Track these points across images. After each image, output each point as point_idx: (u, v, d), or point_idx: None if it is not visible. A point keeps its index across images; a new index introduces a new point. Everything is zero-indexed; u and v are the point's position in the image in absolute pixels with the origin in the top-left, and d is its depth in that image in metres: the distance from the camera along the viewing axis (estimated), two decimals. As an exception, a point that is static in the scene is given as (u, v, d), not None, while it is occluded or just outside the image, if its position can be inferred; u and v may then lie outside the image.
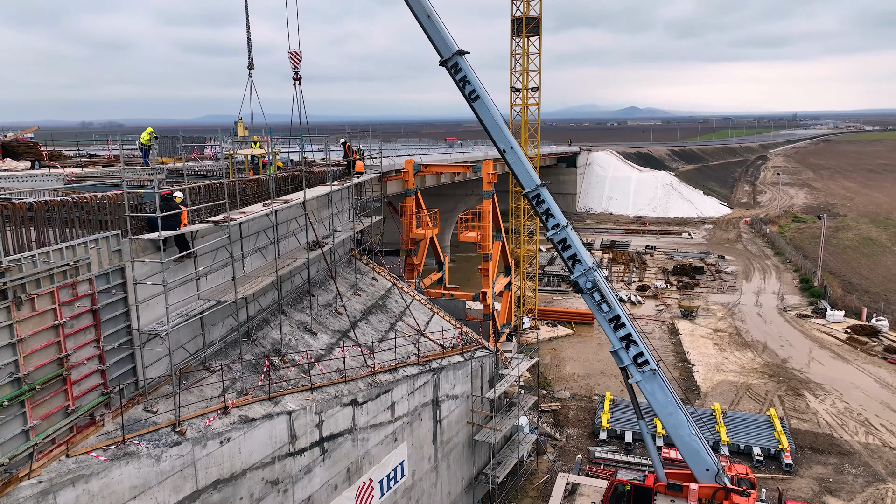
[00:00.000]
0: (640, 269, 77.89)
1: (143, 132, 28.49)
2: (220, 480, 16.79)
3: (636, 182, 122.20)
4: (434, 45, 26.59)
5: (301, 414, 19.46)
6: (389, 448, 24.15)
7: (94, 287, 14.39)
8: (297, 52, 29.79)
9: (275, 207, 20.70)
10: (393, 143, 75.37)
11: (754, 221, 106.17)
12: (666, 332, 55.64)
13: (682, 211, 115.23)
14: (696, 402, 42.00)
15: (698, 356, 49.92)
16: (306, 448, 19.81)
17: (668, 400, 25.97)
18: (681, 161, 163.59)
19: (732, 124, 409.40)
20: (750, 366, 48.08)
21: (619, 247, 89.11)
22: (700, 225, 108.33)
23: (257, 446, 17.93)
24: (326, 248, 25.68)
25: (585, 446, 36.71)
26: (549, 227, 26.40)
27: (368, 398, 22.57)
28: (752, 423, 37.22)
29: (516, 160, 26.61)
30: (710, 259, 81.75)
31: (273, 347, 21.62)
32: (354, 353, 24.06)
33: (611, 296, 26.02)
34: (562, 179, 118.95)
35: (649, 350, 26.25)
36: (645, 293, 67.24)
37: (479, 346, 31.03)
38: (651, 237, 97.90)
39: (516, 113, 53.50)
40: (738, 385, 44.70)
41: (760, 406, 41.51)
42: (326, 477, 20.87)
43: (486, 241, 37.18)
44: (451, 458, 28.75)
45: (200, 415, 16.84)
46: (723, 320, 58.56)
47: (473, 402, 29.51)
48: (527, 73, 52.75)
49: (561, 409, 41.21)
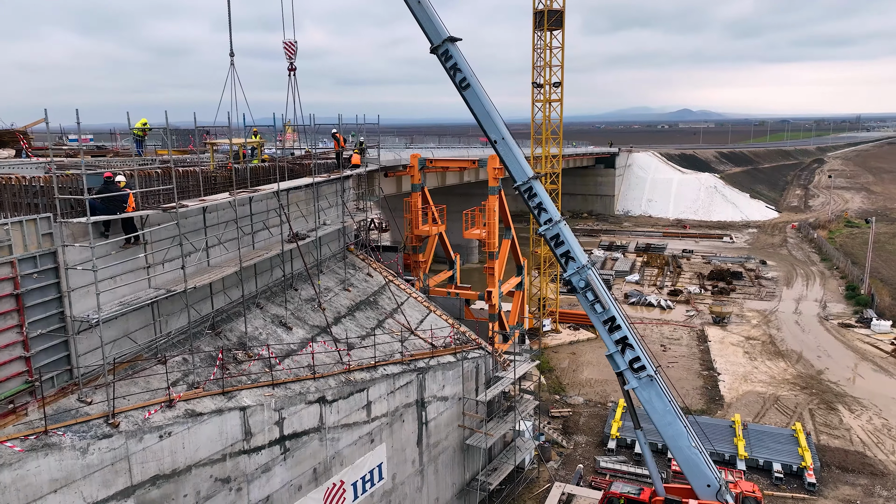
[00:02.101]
0: (674, 273, 74.88)
1: (137, 123, 28.38)
2: (159, 476, 16.14)
3: (678, 184, 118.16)
4: (424, 31, 25.63)
5: (257, 410, 18.69)
6: (365, 449, 23.19)
7: (16, 271, 13.91)
8: (291, 42, 29.26)
9: (237, 196, 20.02)
10: (422, 143, 74.58)
11: (802, 226, 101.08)
12: (694, 339, 53.02)
13: (726, 214, 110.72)
14: (718, 412, 39.63)
15: (726, 364, 47.27)
16: (264, 446, 19.03)
17: (667, 409, 24.22)
18: (728, 163, 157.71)
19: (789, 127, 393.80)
20: (781, 376, 45.20)
21: (655, 250, 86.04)
22: (743, 229, 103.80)
23: (205, 442, 17.23)
24: (307, 241, 24.95)
25: (593, 455, 34.95)
26: (542, 223, 25.06)
27: (339, 396, 21.67)
28: (774, 438, 34.72)
29: (507, 152, 25.38)
30: (751, 264, 78.00)
31: (239, 341, 20.96)
32: (330, 350, 23.22)
33: (605, 296, 24.43)
34: (600, 181, 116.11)
35: (647, 355, 24.54)
36: (677, 298, 64.47)
37: (475, 347, 29.81)
38: (690, 241, 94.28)
39: (538, 109, 51.91)
40: (766, 396, 42.00)
41: (788, 419, 38.83)
42: (289, 477, 20.05)
43: (492, 238, 35.87)
44: (440, 462, 27.59)
45: (141, 407, 16.24)
46: (757, 328, 55.47)
47: (466, 405, 28.29)
48: (549, 68, 51.14)
49: (572, 416, 39.49)
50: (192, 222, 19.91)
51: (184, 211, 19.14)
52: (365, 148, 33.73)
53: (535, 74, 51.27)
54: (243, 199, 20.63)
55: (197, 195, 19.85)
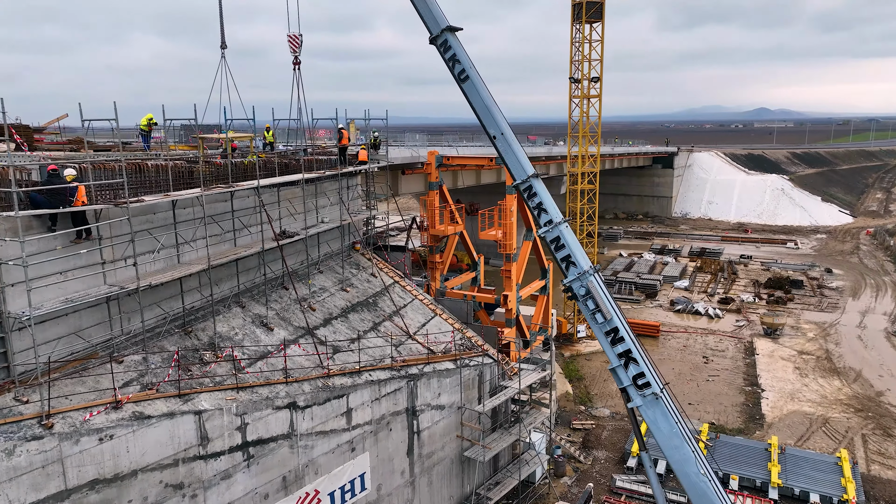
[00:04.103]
0: (728, 279, 70.62)
1: (143, 118, 28.41)
2: (99, 480, 15.57)
3: (741, 186, 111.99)
4: (423, 19, 24.35)
5: (216, 414, 17.94)
6: (344, 458, 22.17)
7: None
8: (295, 36, 28.63)
9: (207, 193, 19.34)
10: (469, 140, 73.20)
11: (878, 232, 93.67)
12: (740, 351, 49.50)
13: (793, 218, 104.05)
14: (756, 433, 36.55)
15: (772, 380, 43.76)
16: (223, 452, 18.27)
17: (673, 431, 22.01)
18: (801, 164, 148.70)
19: (876, 126, 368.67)
20: (834, 396, 41.41)
21: (710, 255, 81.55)
22: (811, 234, 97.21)
23: (153, 446, 16.59)
24: (294, 239, 24.16)
25: (611, 472, 32.78)
26: (542, 224, 23.25)
27: (314, 402, 20.72)
28: (814, 465, 31.56)
29: (507, 148, 23.73)
30: (814, 272, 72.69)
31: (210, 341, 20.33)
32: (311, 353, 22.31)
33: (607, 304, 22.44)
34: (656, 182, 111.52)
35: (653, 370, 22.40)
36: (727, 306, 60.60)
37: (479, 354, 28.34)
38: (750, 245, 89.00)
39: (574, 106, 49.69)
40: (814, 418, 38.50)
41: (836, 445, 35.37)
42: (253, 484, 19.24)
43: (510, 239, 34.20)
44: (434, 473, 26.29)
45: (83, 408, 15.72)
46: (813, 341, 51.28)
47: (465, 415, 26.86)
48: (588, 62, 48.85)
49: (595, 429, 37.31)
50: (161, 218, 19.41)
51: (150, 206, 18.65)
52: (379, 144, 32.81)
53: (573, 69, 49.08)
54: (220, 195, 19.95)
55: (178, 189, 19.26)
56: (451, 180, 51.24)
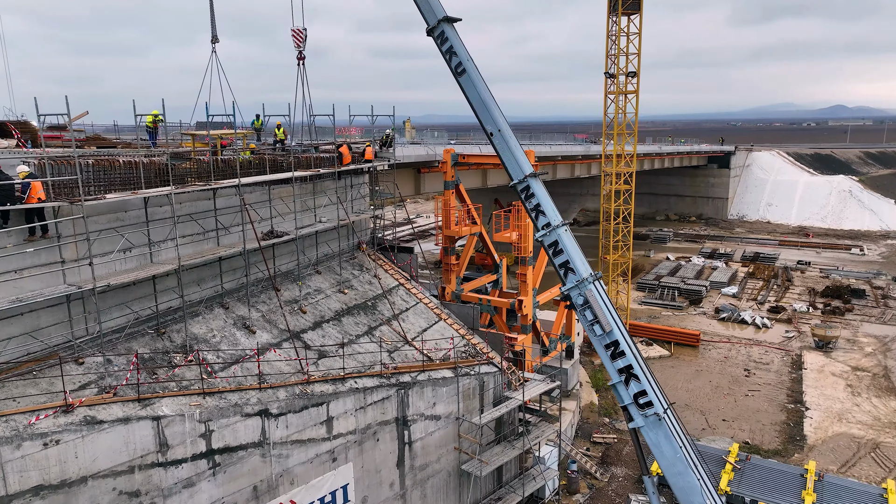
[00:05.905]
0: (782, 286, 66.36)
1: (148, 115, 28.33)
2: (44, 486, 15.11)
3: (803, 187, 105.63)
4: (420, 10, 23.18)
5: (176, 420, 17.29)
6: (324, 468, 21.24)
7: None
8: (300, 30, 27.98)
9: (176, 191, 18.74)
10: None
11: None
12: (786, 365, 46.11)
13: (861, 222, 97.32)
14: (795, 456, 33.68)
15: (818, 398, 40.44)
16: (185, 459, 17.61)
17: (677, 456, 20.10)
18: (875, 165, 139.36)
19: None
20: (888, 418, 37.85)
21: (764, 260, 77.01)
22: (880, 240, 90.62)
23: (105, 452, 16.04)
24: (283, 239, 23.41)
25: (627, 492, 30.76)
26: (539, 227, 21.72)
27: (289, 409, 19.86)
28: (855, 496, 28.62)
29: (504, 145, 22.30)
30: (880, 281, 67.47)
31: (183, 343, 19.75)
32: (292, 359, 21.48)
33: (607, 315, 20.68)
34: (711, 182, 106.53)
35: (656, 389, 20.52)
36: (777, 316, 56.81)
37: (483, 362, 26.93)
38: (810, 251, 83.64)
39: (610, 102, 47.38)
40: (862, 442, 35.21)
41: (885, 474, 32.16)
42: (219, 493, 18.53)
43: (526, 241, 32.58)
44: (429, 486, 25.07)
45: (28, 411, 15.30)
46: (870, 357, 47.28)
47: (462, 427, 25.52)
48: (626, 56, 46.47)
49: (616, 443, 35.24)
50: (133, 216, 18.95)
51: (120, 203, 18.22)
52: (391, 142, 31.84)
53: (609, 63, 46.80)
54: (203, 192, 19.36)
55: (156, 186, 18.78)
56: (479, 179, 49.81)
